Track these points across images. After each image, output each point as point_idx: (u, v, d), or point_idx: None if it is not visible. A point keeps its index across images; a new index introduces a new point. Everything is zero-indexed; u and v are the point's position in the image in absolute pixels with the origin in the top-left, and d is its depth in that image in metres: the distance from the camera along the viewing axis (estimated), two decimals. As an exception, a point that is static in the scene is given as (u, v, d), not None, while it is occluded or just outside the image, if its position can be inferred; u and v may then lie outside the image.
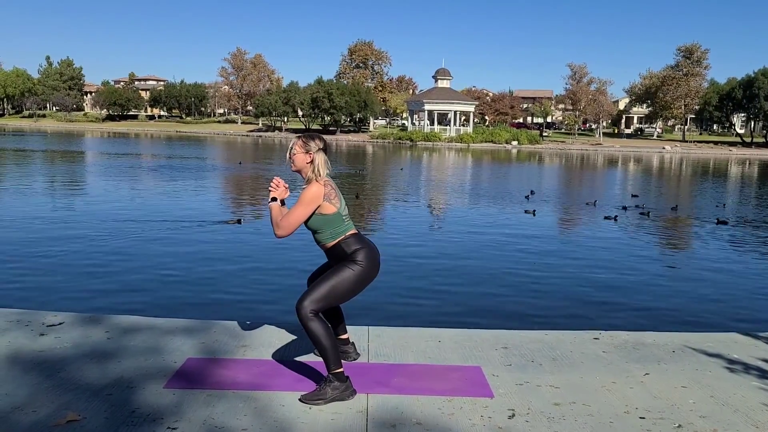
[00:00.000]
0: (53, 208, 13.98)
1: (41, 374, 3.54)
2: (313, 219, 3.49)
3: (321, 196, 3.44)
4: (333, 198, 3.49)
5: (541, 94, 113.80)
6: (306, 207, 3.44)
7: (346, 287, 3.44)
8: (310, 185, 3.47)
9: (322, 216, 3.48)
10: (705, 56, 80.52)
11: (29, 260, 8.63)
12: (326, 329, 3.35)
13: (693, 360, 4.15)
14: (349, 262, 3.46)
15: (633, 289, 8.24)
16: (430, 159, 45.25)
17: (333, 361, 3.34)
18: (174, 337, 4.25)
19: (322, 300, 3.37)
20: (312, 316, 3.31)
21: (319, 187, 3.45)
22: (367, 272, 3.49)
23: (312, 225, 3.52)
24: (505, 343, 4.36)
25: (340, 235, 3.52)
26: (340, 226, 3.52)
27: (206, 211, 14.29)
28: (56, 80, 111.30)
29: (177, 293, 7.37)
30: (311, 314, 3.31)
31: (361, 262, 3.46)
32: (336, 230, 3.51)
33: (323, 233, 3.53)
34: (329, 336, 3.34)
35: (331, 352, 3.33)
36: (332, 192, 3.50)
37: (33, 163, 28.40)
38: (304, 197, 3.44)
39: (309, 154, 3.51)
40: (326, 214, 3.48)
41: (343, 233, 3.52)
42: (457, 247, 10.78)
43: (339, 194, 3.57)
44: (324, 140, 3.61)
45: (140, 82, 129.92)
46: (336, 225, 3.51)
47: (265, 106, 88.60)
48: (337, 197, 3.53)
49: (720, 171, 40.27)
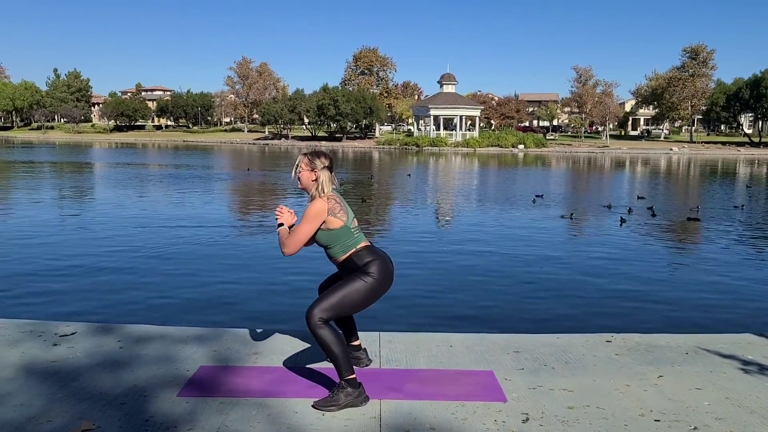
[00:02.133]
0: (62, 219, 14.05)
1: (55, 384, 3.56)
2: (321, 235, 3.51)
3: (325, 212, 3.46)
4: (338, 212, 3.50)
5: (547, 97, 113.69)
6: (310, 223, 3.46)
7: (356, 298, 3.44)
8: (313, 201, 3.50)
9: (329, 231, 3.50)
10: (711, 57, 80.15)
11: (40, 271, 8.68)
12: (336, 336, 3.35)
13: (707, 361, 4.13)
14: (361, 274, 3.46)
15: (644, 291, 8.20)
16: (437, 164, 45.25)
17: (345, 367, 3.34)
18: (186, 345, 4.26)
19: (331, 309, 3.38)
20: (321, 324, 3.32)
21: (322, 202, 3.47)
22: (379, 284, 3.49)
23: (321, 241, 3.54)
24: (516, 347, 4.35)
25: (351, 248, 3.53)
26: (349, 239, 3.53)
27: (216, 218, 14.33)
28: (64, 92, 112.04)
29: (187, 301, 7.38)
30: (320, 322, 3.32)
31: (374, 273, 3.47)
32: (346, 244, 3.52)
33: (334, 248, 3.54)
34: (339, 343, 3.34)
35: (342, 359, 3.33)
36: (337, 206, 3.51)
37: (43, 174, 28.59)
38: (308, 213, 3.46)
39: (314, 171, 3.54)
40: (333, 228, 3.49)
41: (353, 246, 3.53)
42: (466, 252, 10.76)
43: (346, 208, 3.58)
44: (330, 157, 3.64)
45: (147, 93, 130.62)
46: (345, 239, 3.52)
47: (271, 114, 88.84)
48: (343, 211, 3.53)
49: (729, 171, 40.06)
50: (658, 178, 33.45)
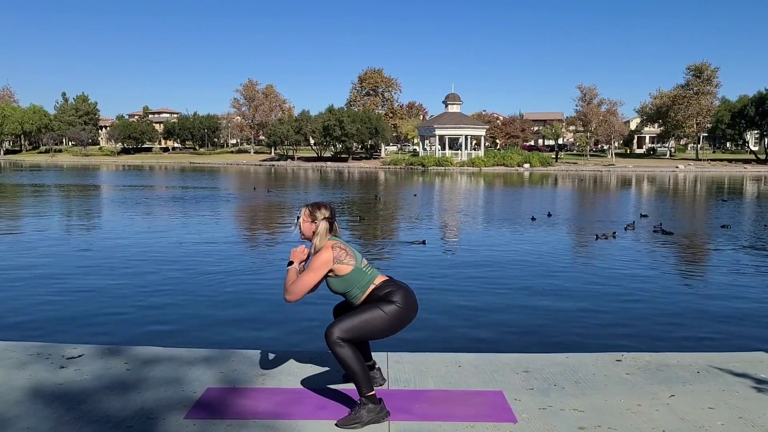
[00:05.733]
0: (68, 241, 14.10)
1: (62, 407, 3.54)
2: (335, 284, 3.56)
3: (330, 261, 3.51)
4: (345, 258, 3.54)
5: (552, 116, 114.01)
6: (315, 273, 3.52)
7: (378, 325, 3.45)
8: (319, 252, 3.55)
9: (341, 278, 3.54)
10: (715, 74, 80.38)
11: (47, 293, 8.68)
12: (355, 354, 3.37)
13: (719, 380, 4.08)
14: (383, 303, 3.48)
15: (653, 309, 8.12)
16: (443, 184, 45.30)
17: (364, 384, 3.36)
18: (193, 367, 4.24)
19: (351, 332, 3.39)
20: (340, 342, 3.34)
21: (327, 252, 3.52)
22: (403, 312, 3.50)
23: (337, 290, 3.59)
24: (526, 367, 4.31)
25: (369, 285, 3.56)
26: (364, 278, 3.56)
27: (222, 237, 14.35)
28: (72, 116, 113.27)
29: (195, 323, 7.36)
30: (338, 340, 3.33)
31: (397, 302, 3.49)
32: (362, 283, 3.56)
33: (351, 292, 3.58)
34: (358, 360, 3.37)
35: (361, 376, 3.35)
36: (342, 253, 3.55)
37: (50, 197, 28.75)
38: (313, 264, 3.53)
39: (314, 223, 3.61)
40: (343, 275, 3.53)
41: (371, 282, 3.57)
42: (474, 271, 10.71)
43: (352, 251, 3.61)
44: (330, 208, 3.70)
45: (154, 115, 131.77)
46: (360, 279, 3.55)
47: (277, 136, 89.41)
48: (350, 255, 3.57)
49: (736, 188, 39.93)
50: (665, 195, 33.35)
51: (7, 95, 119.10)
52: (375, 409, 3.35)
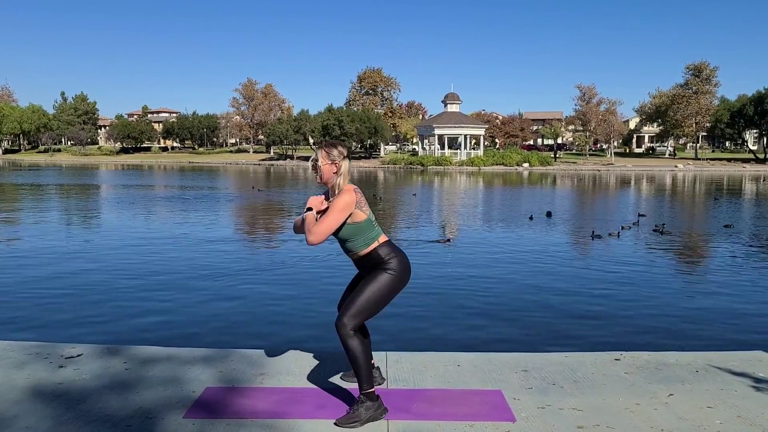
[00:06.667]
0: (67, 241, 14.09)
1: (61, 406, 3.54)
2: (345, 228, 3.50)
3: (353, 203, 3.46)
4: (363, 206, 3.53)
5: (551, 115, 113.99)
6: (339, 214, 3.43)
7: (380, 297, 3.46)
8: (342, 193, 3.48)
9: (354, 224, 3.50)
10: (714, 74, 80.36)
11: (46, 292, 8.68)
12: (365, 348, 3.39)
13: (718, 379, 4.08)
14: (381, 271, 3.48)
15: (651, 308, 8.13)
16: (442, 183, 45.30)
17: (366, 380, 3.38)
18: (192, 366, 4.24)
19: (360, 314, 3.40)
20: (353, 334, 3.35)
21: (350, 195, 3.47)
22: (399, 279, 3.52)
23: (344, 234, 3.53)
24: (525, 366, 4.31)
25: (372, 241, 3.54)
26: (371, 231, 3.54)
27: (221, 237, 14.36)
28: (71, 115, 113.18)
29: (193, 322, 7.36)
30: (351, 332, 3.35)
31: (395, 269, 3.49)
32: (369, 236, 3.53)
33: (356, 241, 3.53)
34: (366, 357, 3.39)
35: (365, 372, 3.37)
36: (363, 199, 3.55)
37: (49, 196, 28.74)
38: (337, 204, 3.44)
39: (335, 164, 3.54)
40: (358, 222, 3.50)
41: (375, 239, 3.55)
42: (472, 271, 10.72)
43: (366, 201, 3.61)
44: (346, 146, 3.65)
45: (153, 115, 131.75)
46: (368, 231, 3.53)
47: (276, 135, 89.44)
48: (367, 204, 3.57)
49: (735, 188, 39.96)
50: (663, 195, 33.38)
51: (6, 95, 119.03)
52: (373, 406, 3.36)
